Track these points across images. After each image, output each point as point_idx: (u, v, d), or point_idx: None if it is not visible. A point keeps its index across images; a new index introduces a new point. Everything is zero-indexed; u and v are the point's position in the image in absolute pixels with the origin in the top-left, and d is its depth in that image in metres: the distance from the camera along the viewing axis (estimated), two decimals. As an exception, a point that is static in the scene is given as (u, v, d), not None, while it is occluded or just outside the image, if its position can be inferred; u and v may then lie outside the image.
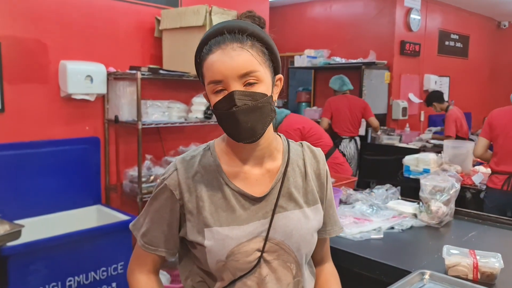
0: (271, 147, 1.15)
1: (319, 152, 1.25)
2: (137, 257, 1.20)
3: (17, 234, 2.10)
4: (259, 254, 1.09)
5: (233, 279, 1.10)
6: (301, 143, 1.25)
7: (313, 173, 1.21)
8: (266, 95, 1.05)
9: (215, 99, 1.04)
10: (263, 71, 1.05)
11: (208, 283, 1.15)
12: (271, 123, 1.11)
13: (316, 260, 1.31)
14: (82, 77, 2.75)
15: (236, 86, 1.02)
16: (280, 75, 1.14)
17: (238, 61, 1.02)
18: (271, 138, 1.15)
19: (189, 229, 1.11)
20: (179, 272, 1.22)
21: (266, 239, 1.09)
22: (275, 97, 1.11)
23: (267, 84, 1.06)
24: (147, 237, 1.16)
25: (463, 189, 3.43)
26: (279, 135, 1.22)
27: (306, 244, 1.14)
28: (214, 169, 1.12)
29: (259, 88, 1.04)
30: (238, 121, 1.02)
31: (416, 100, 6.26)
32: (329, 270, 1.32)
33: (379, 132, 5.31)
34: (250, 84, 1.03)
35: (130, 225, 1.23)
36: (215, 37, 1.06)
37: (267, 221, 1.10)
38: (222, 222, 1.08)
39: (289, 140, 1.23)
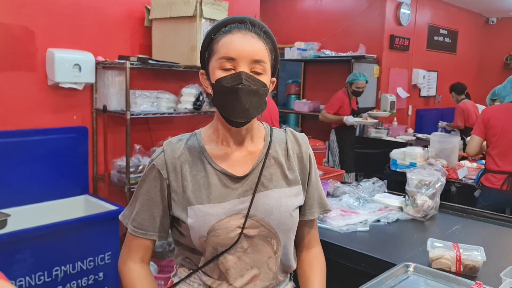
0: (253, 133, 1.24)
1: (302, 137, 1.32)
2: (128, 245, 1.23)
3: (2, 223, 2.08)
4: (239, 230, 1.15)
5: (215, 254, 1.17)
6: (285, 129, 1.33)
7: (295, 156, 1.28)
8: (266, 85, 1.15)
9: (221, 74, 1.11)
10: (268, 67, 1.15)
11: (193, 260, 1.22)
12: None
13: (303, 244, 1.36)
14: (70, 65, 2.72)
15: (245, 69, 1.11)
16: (274, 79, 1.23)
17: (255, 46, 1.12)
18: (255, 126, 1.24)
19: (174, 207, 1.18)
20: (175, 251, 1.28)
21: (246, 216, 1.16)
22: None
23: (268, 78, 1.16)
24: (137, 221, 1.21)
25: (449, 183, 3.49)
26: (262, 123, 1.30)
27: (286, 221, 1.20)
28: (198, 150, 1.20)
29: (263, 78, 1.13)
30: (239, 98, 1.09)
31: (404, 94, 6.31)
32: (314, 255, 1.36)
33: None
34: (257, 73, 1.12)
35: (120, 215, 1.26)
36: (236, 23, 1.15)
37: (248, 198, 1.17)
38: (203, 199, 1.15)
39: (273, 127, 1.31)
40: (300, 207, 1.29)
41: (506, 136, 3.08)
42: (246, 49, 1.10)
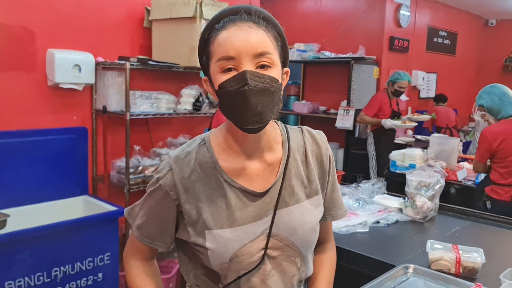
0: (270, 139, 1.08)
1: (321, 136, 1.17)
2: (132, 244, 1.18)
3: (2, 223, 2.08)
4: (262, 252, 1.05)
5: (237, 276, 1.07)
6: (300, 127, 1.18)
7: (315, 160, 1.14)
8: (278, 80, 0.98)
9: (223, 78, 0.96)
10: (276, 58, 0.99)
11: (212, 279, 1.12)
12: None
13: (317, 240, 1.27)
14: (70, 66, 2.72)
15: (249, 66, 0.95)
16: (287, 68, 1.07)
17: (255, 38, 0.96)
18: (271, 129, 1.08)
19: (190, 231, 1.06)
20: (180, 265, 1.19)
21: (268, 236, 1.05)
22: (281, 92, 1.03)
23: (278, 71, 1.00)
24: (143, 230, 1.12)
25: (448, 184, 3.48)
26: (276, 123, 1.14)
27: (310, 237, 1.11)
28: (211, 166, 1.05)
29: (272, 72, 0.97)
30: (248, 102, 0.93)
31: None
32: (325, 251, 1.28)
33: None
34: (263, 66, 0.96)
35: (125, 211, 1.19)
36: (230, 15, 1.00)
37: (269, 218, 1.06)
38: (223, 223, 1.03)
39: (288, 126, 1.16)
40: None
41: None
42: (246, 42, 0.94)
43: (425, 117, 5.48)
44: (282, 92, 1.03)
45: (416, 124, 5.07)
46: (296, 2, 6.59)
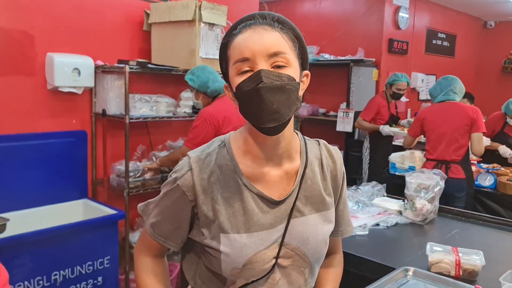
0: (290, 146, 1.08)
1: (336, 152, 1.18)
2: (144, 240, 1.17)
3: (1, 227, 2.08)
4: (274, 261, 1.05)
5: (245, 283, 1.06)
6: (317, 141, 1.18)
7: (329, 174, 1.15)
8: (295, 79, 0.99)
9: (239, 79, 0.97)
10: (292, 57, 1.00)
11: (217, 285, 1.11)
12: (293, 120, 1.06)
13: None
14: (69, 69, 2.72)
15: (264, 66, 0.96)
16: (307, 71, 1.08)
17: (269, 39, 0.98)
18: (291, 136, 1.07)
19: (205, 233, 1.06)
20: (184, 267, 1.19)
21: (281, 245, 1.05)
22: (300, 93, 1.03)
23: (295, 71, 1.00)
24: (157, 229, 1.11)
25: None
26: (296, 132, 1.14)
27: (322, 249, 1.12)
28: (231, 169, 1.05)
29: (287, 72, 0.98)
30: (263, 100, 0.94)
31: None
32: (333, 263, 1.28)
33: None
34: (279, 66, 0.97)
35: (139, 207, 1.17)
36: (246, 21, 1.02)
37: (282, 226, 1.05)
38: (239, 228, 1.03)
39: (306, 138, 1.16)
40: None
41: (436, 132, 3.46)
42: (260, 43, 0.96)
43: None
44: (301, 93, 1.04)
45: None
46: (295, 5, 6.60)
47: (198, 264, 1.14)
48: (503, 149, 4.09)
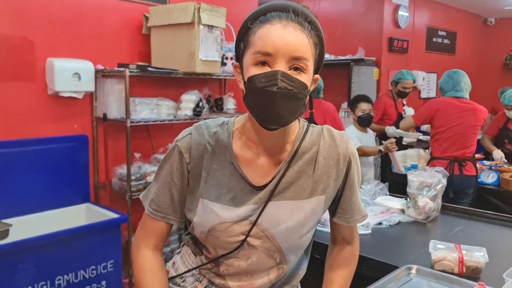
0: (284, 140, 1.10)
1: (341, 136, 1.14)
2: (143, 228, 1.18)
3: (4, 233, 2.09)
4: (243, 237, 1.09)
5: (216, 256, 1.12)
6: (321, 127, 1.16)
7: (329, 160, 1.11)
8: (307, 86, 0.99)
9: (255, 71, 0.97)
10: (311, 64, 1.00)
11: (198, 245, 1.19)
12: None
13: (336, 239, 1.27)
14: (70, 74, 2.73)
15: (283, 67, 0.96)
16: (318, 76, 1.08)
17: (297, 41, 0.96)
18: (288, 130, 1.09)
19: (189, 193, 1.13)
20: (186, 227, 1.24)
21: (253, 224, 1.08)
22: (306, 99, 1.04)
23: (309, 77, 1.01)
24: (155, 203, 1.14)
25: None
26: (299, 120, 1.14)
27: (293, 236, 1.10)
28: (225, 145, 1.10)
29: (303, 78, 0.98)
30: (274, 103, 0.95)
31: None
32: (346, 254, 1.27)
33: None
34: (297, 69, 0.98)
35: (141, 195, 1.21)
36: (278, 11, 0.99)
37: (258, 206, 1.08)
38: (214, 197, 1.08)
39: (310, 125, 1.16)
40: (333, 211, 1.20)
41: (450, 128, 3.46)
42: (287, 43, 0.95)
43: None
44: (306, 99, 1.04)
45: (420, 134, 4.82)
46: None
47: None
48: (496, 154, 4.11)
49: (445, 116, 3.44)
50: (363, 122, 3.88)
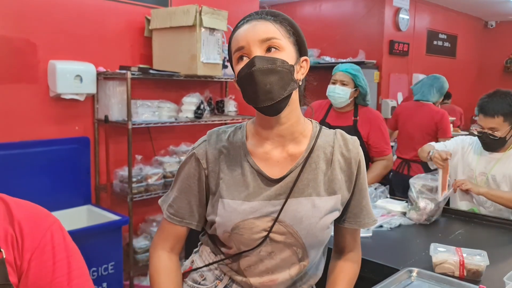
0: (294, 129, 1.15)
1: (353, 141, 1.21)
2: (161, 231, 1.24)
3: (6, 235, 2.08)
4: (265, 233, 1.12)
5: (237, 252, 1.15)
6: (335, 131, 1.23)
7: (343, 162, 1.18)
8: (287, 62, 1.07)
9: (238, 67, 1.08)
10: (285, 42, 1.09)
11: (217, 244, 1.21)
12: (295, 101, 1.14)
13: (338, 247, 1.31)
14: (72, 76, 2.73)
15: (258, 52, 1.06)
16: (306, 57, 1.15)
17: (260, 27, 1.08)
18: (295, 119, 1.15)
19: (211, 198, 1.17)
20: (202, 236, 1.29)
21: (275, 220, 1.12)
22: (299, 77, 1.12)
23: (289, 55, 1.08)
24: (173, 208, 1.20)
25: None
26: (311, 121, 1.22)
27: (316, 232, 1.14)
28: (239, 145, 1.17)
29: (280, 55, 1.06)
30: (256, 82, 1.03)
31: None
32: (348, 259, 1.30)
33: None
34: (270, 50, 1.07)
35: (160, 200, 1.27)
36: (245, 19, 1.13)
37: (280, 202, 1.12)
38: (234, 195, 1.13)
39: (323, 127, 1.22)
40: (342, 215, 1.23)
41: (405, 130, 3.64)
42: (252, 32, 1.07)
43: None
44: (301, 76, 1.13)
45: None
46: (295, 8, 6.62)
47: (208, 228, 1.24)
48: None
49: (402, 119, 3.66)
50: None
